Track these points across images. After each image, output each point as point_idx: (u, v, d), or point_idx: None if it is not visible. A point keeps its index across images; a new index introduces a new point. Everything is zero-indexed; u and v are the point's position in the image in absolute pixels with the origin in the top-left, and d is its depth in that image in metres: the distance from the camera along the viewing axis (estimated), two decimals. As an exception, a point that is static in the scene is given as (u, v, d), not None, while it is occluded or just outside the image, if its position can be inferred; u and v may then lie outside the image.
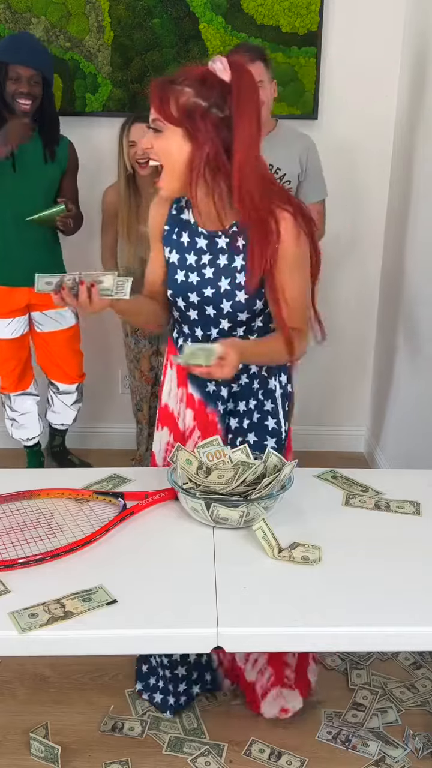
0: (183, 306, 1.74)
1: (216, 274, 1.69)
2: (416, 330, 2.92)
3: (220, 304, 1.69)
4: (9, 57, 2.70)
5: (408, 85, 3.04)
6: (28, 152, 2.81)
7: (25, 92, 2.71)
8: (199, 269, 1.70)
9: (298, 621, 1.22)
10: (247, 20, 3.07)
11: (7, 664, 2.29)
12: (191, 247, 1.71)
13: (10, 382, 3.10)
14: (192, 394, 1.79)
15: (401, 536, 1.47)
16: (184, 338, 1.79)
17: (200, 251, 1.70)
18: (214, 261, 1.69)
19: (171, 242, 1.74)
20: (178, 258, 1.72)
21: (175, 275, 1.73)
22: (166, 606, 1.25)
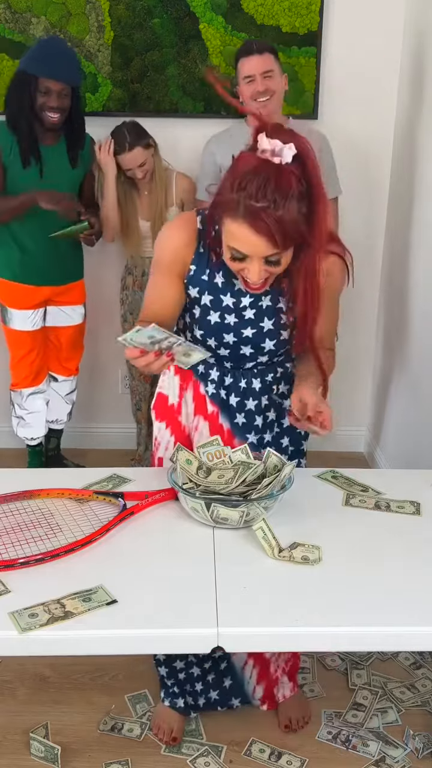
0: (214, 345, 1.67)
1: (258, 315, 1.63)
2: (416, 330, 2.92)
3: (261, 344, 1.65)
4: (39, 70, 2.70)
5: (408, 85, 3.04)
6: (53, 158, 2.85)
7: (55, 106, 2.73)
8: (239, 311, 1.63)
9: (298, 621, 1.22)
10: (247, 20, 3.07)
11: (7, 664, 2.29)
12: (227, 288, 1.62)
13: (26, 376, 3.11)
14: (222, 424, 1.74)
15: (401, 536, 1.47)
16: (206, 366, 1.72)
17: (239, 293, 1.62)
18: (256, 303, 1.62)
19: (200, 283, 1.63)
20: (212, 300, 1.63)
21: (207, 316, 1.64)
22: (166, 606, 1.25)
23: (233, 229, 1.42)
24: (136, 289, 3.15)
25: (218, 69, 3.13)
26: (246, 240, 1.41)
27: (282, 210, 1.36)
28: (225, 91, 1.62)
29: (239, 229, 1.41)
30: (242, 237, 1.41)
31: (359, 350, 3.52)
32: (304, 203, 1.40)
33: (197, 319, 1.66)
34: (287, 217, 1.37)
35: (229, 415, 1.74)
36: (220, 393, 1.73)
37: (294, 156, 1.38)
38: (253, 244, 1.41)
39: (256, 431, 1.76)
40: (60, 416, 3.29)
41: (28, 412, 3.18)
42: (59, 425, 3.33)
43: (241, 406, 1.74)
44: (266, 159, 1.38)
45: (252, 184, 1.36)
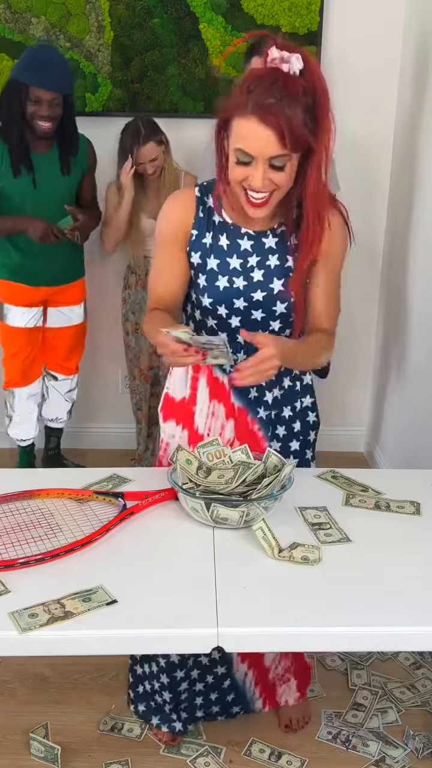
0: (224, 314, 1.66)
1: (266, 275, 1.63)
2: (416, 330, 2.92)
3: (273, 307, 1.65)
4: (30, 79, 2.68)
5: (408, 85, 3.04)
6: (46, 166, 2.84)
7: (46, 115, 2.72)
8: (246, 272, 1.63)
9: (298, 621, 1.22)
10: (247, 20, 3.07)
11: (7, 664, 2.29)
12: (234, 249, 1.62)
13: (15, 374, 3.11)
14: (233, 403, 1.73)
15: (401, 536, 1.47)
16: None
17: (245, 253, 1.62)
18: (263, 262, 1.63)
19: (202, 247, 1.64)
20: (218, 263, 1.63)
21: (215, 282, 1.63)
22: (166, 606, 1.25)
23: (241, 127, 1.44)
24: (138, 288, 3.15)
25: (218, 69, 3.13)
26: (253, 135, 1.43)
27: (289, 109, 1.41)
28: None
29: (247, 125, 1.43)
30: (250, 133, 1.43)
31: (359, 350, 3.52)
32: (309, 115, 1.45)
33: (205, 288, 1.65)
34: (294, 118, 1.42)
35: (243, 391, 1.73)
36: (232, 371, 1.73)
37: (301, 71, 1.44)
38: (261, 140, 1.43)
39: (266, 407, 1.75)
40: (60, 414, 3.29)
41: (17, 413, 3.18)
42: (59, 424, 3.33)
43: None
44: (275, 66, 1.44)
45: (261, 84, 1.43)
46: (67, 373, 3.22)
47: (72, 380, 3.25)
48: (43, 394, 3.25)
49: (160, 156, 2.98)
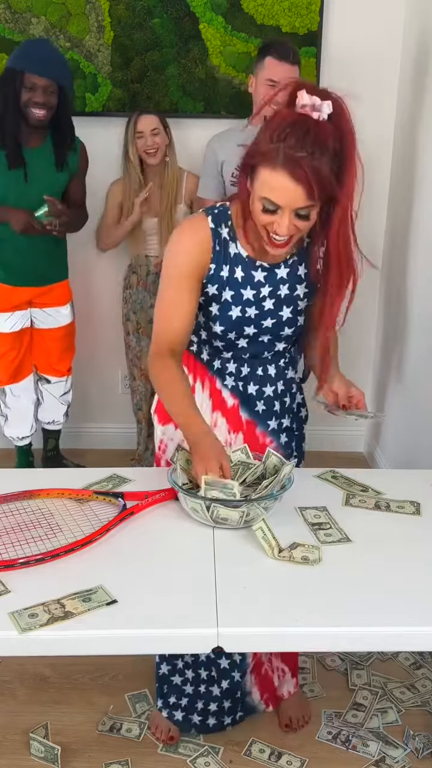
0: (233, 337, 1.69)
1: (277, 305, 1.67)
2: (416, 330, 2.92)
3: (280, 332, 1.69)
4: (24, 65, 2.68)
5: (408, 85, 3.04)
6: (38, 160, 2.82)
7: (40, 102, 2.70)
8: (258, 302, 1.66)
9: (298, 621, 1.22)
10: (247, 20, 3.07)
11: (7, 664, 2.29)
12: (247, 281, 1.64)
13: (6, 375, 3.10)
14: (241, 416, 1.76)
15: (401, 536, 1.46)
16: (223, 361, 1.74)
17: (258, 284, 1.65)
18: (275, 292, 1.66)
19: (219, 280, 1.63)
20: (233, 294, 1.64)
21: (228, 312, 1.65)
22: (166, 606, 1.25)
23: (269, 178, 1.44)
24: (140, 288, 3.15)
25: (218, 69, 3.13)
26: (282, 188, 1.43)
27: (318, 161, 1.41)
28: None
29: (276, 178, 1.43)
30: (279, 186, 1.43)
31: (359, 350, 3.52)
32: (336, 161, 1.44)
33: (217, 316, 1.66)
34: (323, 170, 1.41)
35: (249, 405, 1.76)
36: (239, 384, 1.75)
37: (330, 115, 1.44)
38: (290, 194, 1.43)
39: (276, 416, 1.79)
40: (56, 417, 3.28)
41: (12, 410, 3.17)
42: (56, 426, 3.32)
43: (260, 393, 1.76)
44: (305, 114, 1.43)
45: (292, 135, 1.41)
46: (60, 375, 3.20)
47: (65, 382, 3.23)
48: (38, 398, 3.24)
49: (162, 136, 2.98)
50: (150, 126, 2.96)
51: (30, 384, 3.17)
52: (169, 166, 3.04)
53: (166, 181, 3.04)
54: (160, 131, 2.98)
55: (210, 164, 2.91)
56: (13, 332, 3.02)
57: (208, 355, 1.75)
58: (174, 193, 3.05)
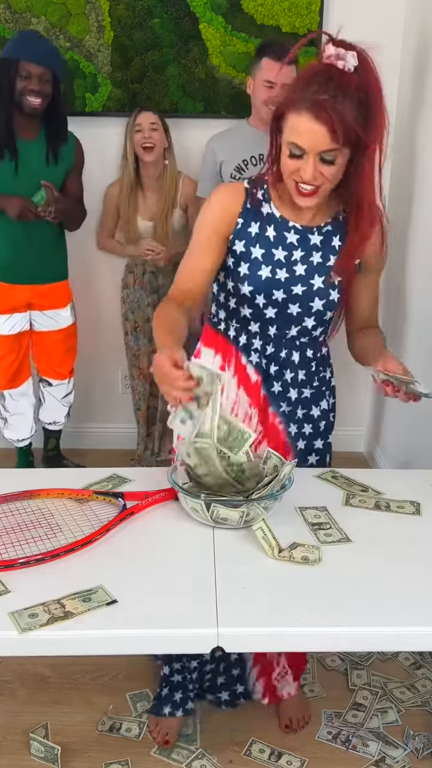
0: (262, 303, 1.67)
1: (309, 271, 1.66)
2: (415, 330, 2.92)
3: (310, 302, 1.67)
4: (20, 54, 2.68)
5: (408, 85, 3.04)
6: (31, 153, 2.81)
7: (36, 90, 2.69)
8: (290, 266, 1.65)
9: (298, 621, 1.22)
10: (247, 20, 3.07)
11: (7, 664, 2.29)
12: (279, 241, 1.65)
13: (5, 378, 3.09)
14: (262, 392, 1.75)
15: (401, 536, 1.47)
16: (249, 336, 1.73)
17: (291, 246, 1.65)
18: (307, 258, 1.65)
19: (247, 236, 1.65)
20: (263, 253, 1.65)
21: (258, 271, 1.65)
22: (166, 606, 1.25)
23: (295, 122, 1.48)
24: (137, 288, 3.15)
25: (218, 69, 3.13)
26: (307, 131, 1.47)
27: (341, 105, 1.44)
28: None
29: (301, 121, 1.47)
30: (303, 128, 1.47)
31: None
32: (362, 111, 1.47)
33: (246, 276, 1.66)
34: (347, 113, 1.45)
35: (267, 383, 1.75)
36: (261, 362, 1.74)
37: (357, 67, 1.48)
38: (314, 135, 1.46)
39: (289, 403, 1.77)
40: (57, 418, 3.28)
41: (11, 414, 3.17)
42: (57, 426, 3.32)
43: (280, 375, 1.75)
44: (330, 63, 1.48)
45: (315, 81, 1.46)
46: (61, 378, 3.19)
47: (67, 385, 3.22)
48: (40, 399, 3.24)
49: (160, 133, 2.98)
50: (149, 120, 2.96)
51: (29, 388, 3.16)
52: (167, 169, 3.03)
53: (163, 184, 3.04)
54: (159, 128, 2.98)
55: (209, 164, 2.91)
56: (11, 335, 3.01)
57: (234, 331, 1.75)
58: (172, 196, 3.05)
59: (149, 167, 3.02)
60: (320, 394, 1.82)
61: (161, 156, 3.01)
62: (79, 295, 3.19)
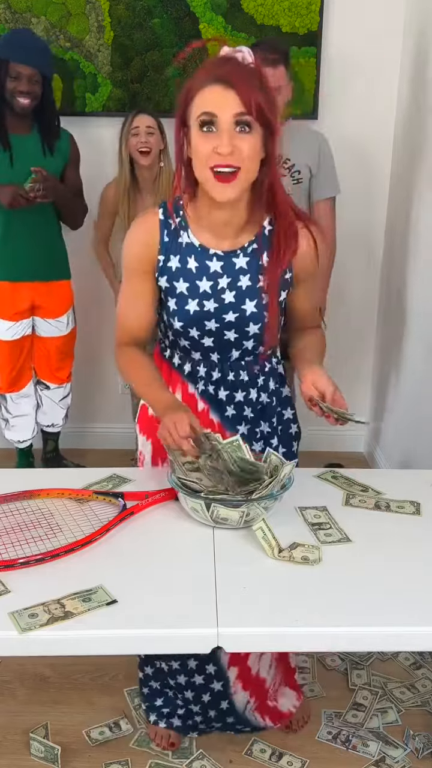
0: (196, 335, 1.62)
1: (238, 297, 1.59)
2: (416, 329, 2.92)
3: (245, 328, 1.61)
4: (9, 54, 2.69)
5: (408, 85, 3.04)
6: (26, 147, 2.81)
7: (25, 91, 2.71)
8: (217, 295, 1.59)
9: (298, 621, 1.22)
10: (247, 20, 3.07)
11: (7, 664, 2.29)
12: (203, 272, 1.58)
13: (5, 382, 3.10)
14: (212, 419, 1.70)
15: (401, 536, 1.46)
16: (193, 364, 1.68)
17: (215, 275, 1.58)
18: (235, 283, 1.59)
19: (168, 271, 1.60)
20: (187, 286, 1.59)
21: (186, 305, 1.59)
22: (166, 606, 1.25)
23: (203, 95, 1.45)
24: None
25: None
26: (216, 97, 1.43)
27: (247, 76, 1.44)
28: None
29: (209, 91, 1.44)
30: (211, 96, 1.44)
31: (359, 350, 3.52)
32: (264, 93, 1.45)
33: (175, 311, 1.61)
34: (252, 84, 1.43)
35: (219, 409, 1.70)
36: (209, 389, 1.69)
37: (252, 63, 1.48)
38: (224, 99, 1.42)
39: (247, 422, 1.72)
40: (55, 420, 3.28)
41: (13, 415, 3.17)
42: (55, 428, 3.32)
43: (230, 398, 1.70)
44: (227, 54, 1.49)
45: (218, 61, 1.48)
46: (59, 383, 3.20)
47: (64, 388, 3.22)
48: (38, 402, 3.24)
49: (156, 137, 2.96)
50: (146, 123, 2.94)
51: (31, 390, 3.17)
52: (163, 171, 3.02)
53: (159, 186, 3.03)
54: (156, 132, 2.97)
55: None
56: (13, 340, 3.02)
57: (179, 359, 1.70)
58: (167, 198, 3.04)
59: (145, 170, 3.01)
60: (271, 409, 1.76)
61: (157, 158, 3.00)
62: (79, 296, 3.19)
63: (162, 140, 3.00)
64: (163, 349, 1.76)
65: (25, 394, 3.14)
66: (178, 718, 1.99)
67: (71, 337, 3.16)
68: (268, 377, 1.74)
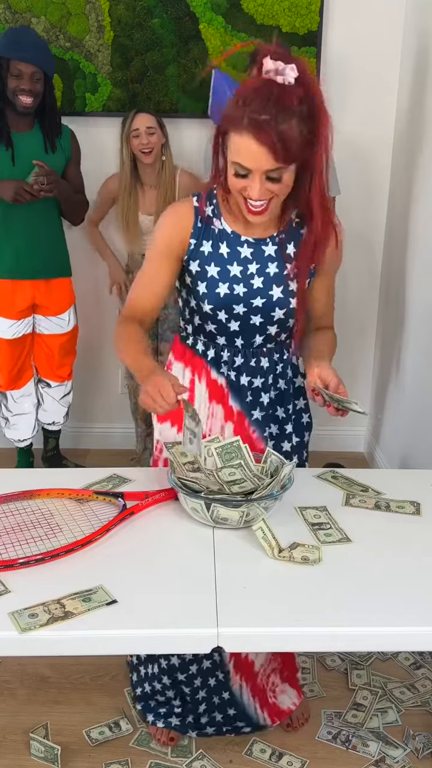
0: (224, 318, 1.68)
1: (266, 283, 1.66)
2: (416, 329, 2.92)
3: (271, 312, 1.68)
4: (11, 53, 2.69)
5: (408, 85, 3.04)
6: (28, 145, 2.81)
7: (27, 89, 2.71)
8: (246, 280, 1.65)
9: (298, 621, 1.22)
10: (247, 20, 3.07)
11: (7, 664, 2.29)
12: (234, 257, 1.65)
13: (6, 380, 3.10)
14: (231, 406, 1.75)
15: (401, 536, 1.47)
16: (217, 349, 1.73)
17: (245, 261, 1.65)
18: (263, 270, 1.65)
19: (200, 255, 1.66)
20: (218, 271, 1.65)
21: (216, 289, 1.65)
22: (166, 606, 1.25)
23: (237, 142, 1.47)
24: None
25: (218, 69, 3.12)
26: (249, 152, 1.45)
27: (284, 124, 1.42)
28: None
29: (243, 142, 1.45)
30: (246, 149, 1.45)
31: (359, 350, 3.52)
32: (306, 124, 1.46)
33: (205, 294, 1.67)
34: (289, 132, 1.43)
35: (239, 395, 1.75)
36: (231, 374, 1.75)
37: (297, 79, 1.44)
38: (256, 156, 1.45)
39: (261, 408, 1.77)
40: (56, 418, 3.28)
41: (13, 414, 3.17)
42: (56, 426, 3.32)
43: (250, 384, 1.76)
44: (270, 78, 1.44)
45: (256, 100, 1.43)
46: (60, 381, 3.20)
47: (66, 386, 3.23)
48: (39, 400, 3.24)
49: (158, 135, 2.96)
50: (146, 124, 2.95)
51: (31, 388, 3.17)
52: (165, 165, 3.03)
53: (161, 180, 3.04)
54: (156, 131, 2.97)
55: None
56: (14, 339, 3.02)
57: (203, 345, 1.75)
58: (170, 191, 3.05)
59: (148, 166, 3.02)
60: (287, 397, 1.81)
61: (159, 154, 3.01)
62: (79, 295, 3.19)
63: (162, 135, 3.00)
64: (184, 338, 1.80)
65: (25, 393, 3.14)
66: (175, 717, 1.99)
67: (73, 334, 3.16)
68: (286, 365, 1.79)
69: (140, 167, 3.04)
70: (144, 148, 2.95)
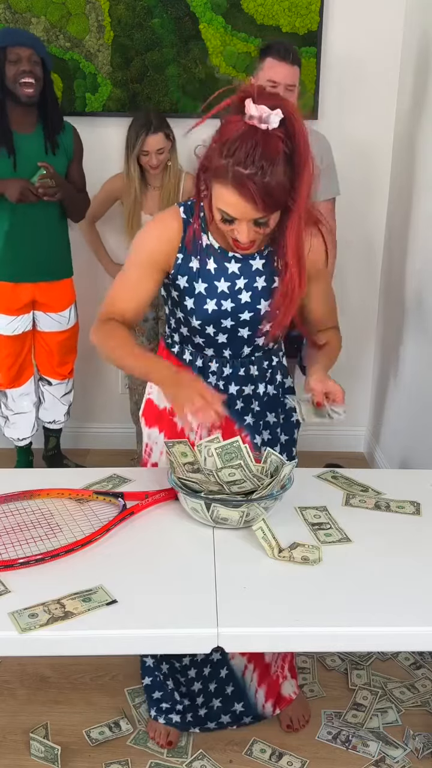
0: (212, 332, 1.68)
1: (254, 297, 1.65)
2: (416, 329, 2.92)
3: (259, 325, 1.68)
4: (5, 41, 2.70)
5: (408, 85, 3.04)
6: (30, 145, 2.80)
7: (27, 70, 2.69)
8: (234, 295, 1.64)
9: (298, 621, 1.22)
10: (247, 20, 3.07)
11: (7, 664, 2.29)
12: (221, 273, 1.64)
13: (6, 378, 3.09)
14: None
15: (401, 536, 1.47)
16: (205, 360, 1.73)
17: (233, 276, 1.64)
18: (251, 284, 1.64)
19: (189, 271, 1.64)
20: (206, 287, 1.64)
21: (204, 305, 1.64)
22: (166, 606, 1.25)
23: (222, 193, 1.46)
24: None
25: (218, 69, 3.13)
26: (234, 204, 1.45)
27: (269, 176, 1.40)
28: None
29: (227, 194, 1.44)
30: (230, 201, 1.45)
31: (359, 350, 3.52)
32: (290, 167, 1.43)
33: (193, 310, 1.66)
34: (273, 183, 1.40)
35: (229, 403, 1.73)
36: (219, 384, 1.74)
37: (281, 120, 1.40)
38: (241, 209, 1.45)
39: (253, 414, 1.77)
40: (57, 417, 3.28)
41: (13, 412, 3.16)
42: (57, 425, 3.32)
43: (240, 392, 1.75)
44: (253, 125, 1.40)
45: (240, 150, 1.39)
46: (61, 378, 3.19)
47: (67, 384, 3.22)
48: (39, 398, 3.24)
49: (166, 149, 2.96)
50: (156, 146, 2.92)
51: (31, 387, 3.16)
52: (170, 168, 3.02)
53: (166, 182, 3.03)
54: (165, 150, 2.95)
55: None
56: (14, 335, 3.01)
57: (190, 355, 1.74)
58: (176, 193, 3.05)
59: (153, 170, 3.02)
60: (276, 400, 1.81)
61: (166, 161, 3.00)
62: (80, 295, 3.19)
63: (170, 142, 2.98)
64: (170, 345, 1.78)
65: (25, 391, 3.14)
66: (176, 714, 1.99)
67: (74, 332, 3.15)
68: (275, 371, 1.80)
69: (146, 173, 3.03)
70: (152, 166, 2.96)
